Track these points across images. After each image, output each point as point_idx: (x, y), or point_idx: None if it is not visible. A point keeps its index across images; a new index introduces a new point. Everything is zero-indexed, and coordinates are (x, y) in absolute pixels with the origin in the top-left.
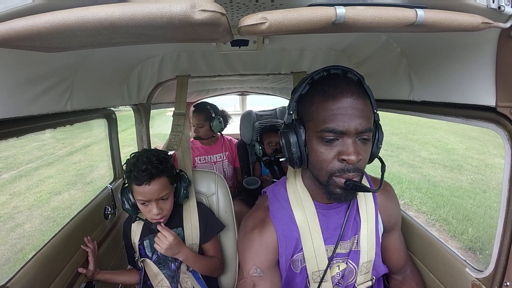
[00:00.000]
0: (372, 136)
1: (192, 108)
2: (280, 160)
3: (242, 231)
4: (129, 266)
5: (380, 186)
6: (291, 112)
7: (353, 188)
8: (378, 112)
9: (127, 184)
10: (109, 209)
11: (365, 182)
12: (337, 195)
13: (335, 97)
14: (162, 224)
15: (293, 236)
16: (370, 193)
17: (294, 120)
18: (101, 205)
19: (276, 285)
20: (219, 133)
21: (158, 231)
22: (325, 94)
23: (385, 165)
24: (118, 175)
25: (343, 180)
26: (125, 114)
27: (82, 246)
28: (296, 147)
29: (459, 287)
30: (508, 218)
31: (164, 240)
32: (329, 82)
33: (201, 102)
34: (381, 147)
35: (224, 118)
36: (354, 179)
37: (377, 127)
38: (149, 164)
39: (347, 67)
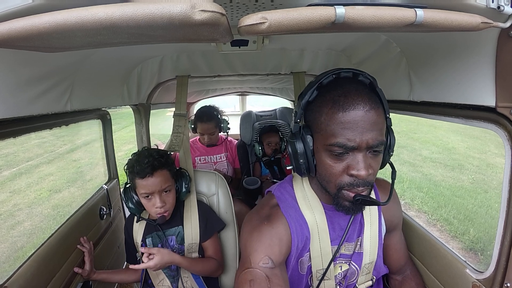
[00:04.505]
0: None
1: (193, 111)
2: (288, 168)
3: (248, 226)
4: (127, 264)
5: (389, 198)
6: (298, 120)
7: (362, 203)
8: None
9: (129, 184)
10: (105, 210)
11: None
12: (346, 208)
13: (346, 109)
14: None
15: (304, 234)
16: (374, 194)
17: (301, 128)
18: (97, 206)
19: (287, 283)
20: (223, 134)
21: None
22: (334, 105)
23: (395, 171)
24: (112, 175)
25: (352, 195)
26: (125, 112)
27: (78, 246)
28: (304, 157)
29: None
30: (509, 219)
31: (149, 264)
32: (339, 90)
33: (205, 108)
34: (392, 154)
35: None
36: (363, 193)
37: (389, 132)
38: (151, 157)
39: (358, 70)
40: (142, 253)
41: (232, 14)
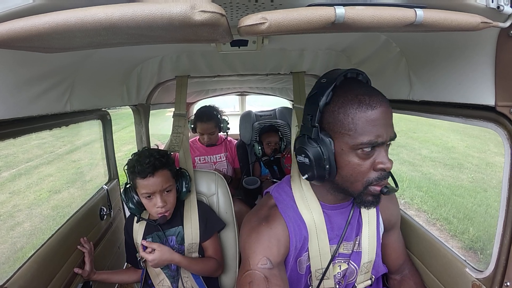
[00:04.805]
0: None
1: (193, 111)
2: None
3: (246, 227)
4: (126, 265)
5: (396, 184)
6: (317, 124)
7: (387, 193)
8: None
9: (129, 184)
10: (105, 210)
11: None
12: (369, 203)
13: (374, 107)
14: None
15: (302, 234)
16: None
17: (322, 133)
18: (97, 206)
19: (286, 283)
20: (223, 134)
21: (145, 247)
22: (361, 104)
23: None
24: (113, 176)
25: (379, 188)
26: (125, 112)
27: (78, 246)
28: (328, 162)
29: (459, 287)
30: (508, 218)
31: (148, 257)
32: (358, 89)
33: (204, 108)
34: None
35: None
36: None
37: None
38: (152, 157)
39: (359, 70)
40: (144, 248)
41: (232, 14)
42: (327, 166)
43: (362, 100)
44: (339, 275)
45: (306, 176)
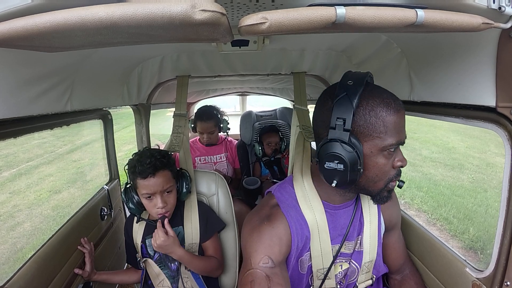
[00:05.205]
0: None
1: (193, 111)
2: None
3: (248, 227)
4: (127, 265)
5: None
6: (350, 128)
7: (402, 186)
8: None
9: (129, 184)
10: (105, 210)
11: None
12: (386, 198)
13: (398, 110)
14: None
15: (304, 234)
16: None
17: (351, 137)
18: (97, 206)
19: (288, 282)
20: (223, 134)
21: (162, 225)
22: (389, 108)
23: None
24: (114, 176)
25: (395, 183)
26: (125, 112)
27: (79, 247)
28: (362, 166)
29: (459, 287)
30: (508, 218)
31: (160, 236)
32: (384, 93)
33: (205, 107)
34: None
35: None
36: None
37: None
38: (153, 158)
39: (369, 72)
40: (142, 255)
41: (233, 14)
42: (362, 170)
43: (389, 104)
44: (340, 275)
45: (336, 182)
